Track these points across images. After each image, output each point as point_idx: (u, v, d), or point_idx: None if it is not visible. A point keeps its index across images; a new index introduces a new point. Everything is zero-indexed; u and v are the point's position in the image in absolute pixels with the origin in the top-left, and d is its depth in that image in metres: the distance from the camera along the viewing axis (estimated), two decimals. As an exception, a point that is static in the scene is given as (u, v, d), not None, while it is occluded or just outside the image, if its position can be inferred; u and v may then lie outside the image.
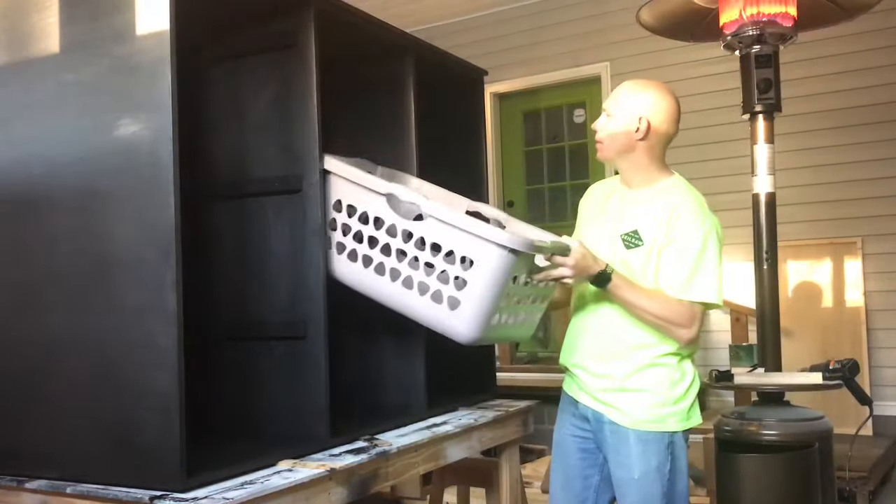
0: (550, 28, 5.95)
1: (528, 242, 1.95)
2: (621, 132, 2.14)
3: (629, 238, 2.12)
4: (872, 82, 4.93)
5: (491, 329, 2.00)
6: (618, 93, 2.19)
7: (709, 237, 2.06)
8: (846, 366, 2.45)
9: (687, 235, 2.06)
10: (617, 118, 2.15)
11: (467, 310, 1.96)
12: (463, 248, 1.97)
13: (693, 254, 2.05)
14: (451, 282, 1.98)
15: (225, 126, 2.26)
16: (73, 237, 1.80)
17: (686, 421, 2.12)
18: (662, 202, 2.11)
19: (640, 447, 2.08)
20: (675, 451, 2.10)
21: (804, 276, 5.04)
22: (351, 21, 2.28)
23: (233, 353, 2.21)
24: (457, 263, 1.98)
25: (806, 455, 2.40)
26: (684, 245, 2.06)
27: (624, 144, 2.15)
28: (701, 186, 2.24)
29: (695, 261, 2.04)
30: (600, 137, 2.19)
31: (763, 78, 2.67)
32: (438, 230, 2.00)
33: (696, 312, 2.06)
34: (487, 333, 2.00)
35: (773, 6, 2.62)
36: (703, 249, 2.05)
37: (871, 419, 2.65)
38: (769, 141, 2.72)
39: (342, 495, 1.90)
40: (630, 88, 2.18)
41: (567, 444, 2.24)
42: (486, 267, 1.93)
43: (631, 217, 2.15)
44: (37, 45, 1.88)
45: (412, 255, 2.04)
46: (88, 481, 1.72)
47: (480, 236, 1.93)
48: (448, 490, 3.07)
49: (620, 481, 2.11)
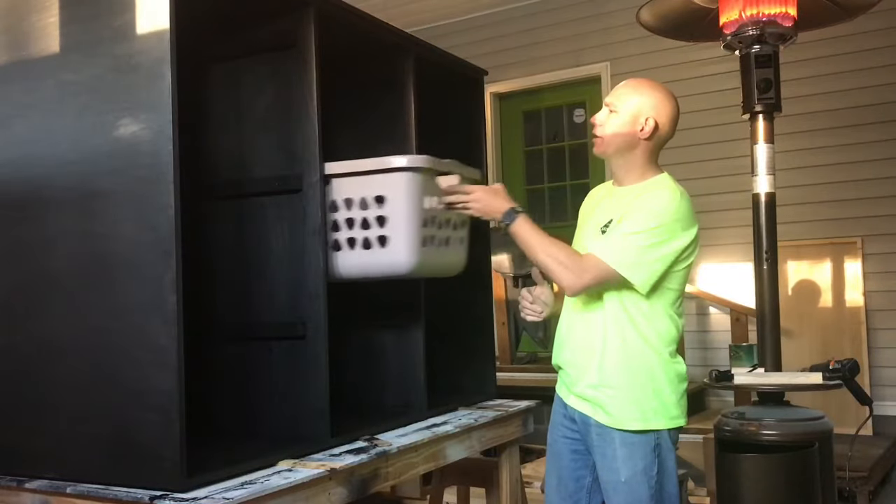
0: (550, 28, 5.95)
1: (425, 159, 2.12)
2: (625, 130, 2.12)
3: (605, 226, 2.12)
4: (872, 82, 4.93)
5: (424, 254, 2.14)
6: (623, 90, 2.16)
7: (662, 222, 2.01)
8: (846, 366, 2.45)
9: (642, 212, 2.02)
10: (621, 115, 2.12)
11: (396, 240, 2.10)
12: (373, 191, 2.10)
13: (635, 228, 2.00)
14: (373, 225, 2.11)
15: (225, 126, 2.26)
16: (73, 237, 1.80)
17: (671, 420, 2.08)
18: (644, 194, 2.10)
19: (626, 450, 2.06)
20: (661, 453, 2.07)
21: (804, 276, 5.04)
22: (351, 21, 2.28)
23: (233, 353, 2.21)
24: (372, 206, 2.10)
25: (806, 455, 2.40)
26: (635, 220, 2.01)
27: (626, 142, 2.13)
28: (701, 186, 2.26)
29: (634, 233, 2.00)
30: (601, 133, 2.15)
31: (763, 78, 2.67)
32: (347, 186, 2.13)
33: (595, 271, 2.01)
34: (423, 258, 2.14)
35: (773, 6, 2.63)
36: (649, 229, 1.99)
37: (871, 419, 2.65)
38: (769, 141, 2.72)
39: (342, 495, 1.90)
40: (636, 87, 2.15)
41: (559, 445, 2.25)
42: (397, 195, 2.09)
43: (611, 210, 2.14)
44: (37, 45, 1.88)
45: (344, 218, 2.14)
46: (88, 481, 1.72)
47: (379, 168, 2.09)
48: (448, 490, 3.07)
49: (608, 484, 2.10)
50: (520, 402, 2.72)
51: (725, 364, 4.35)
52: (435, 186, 2.18)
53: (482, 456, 2.76)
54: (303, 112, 2.10)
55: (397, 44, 2.51)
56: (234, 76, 2.25)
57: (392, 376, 2.52)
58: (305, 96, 2.09)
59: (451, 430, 2.33)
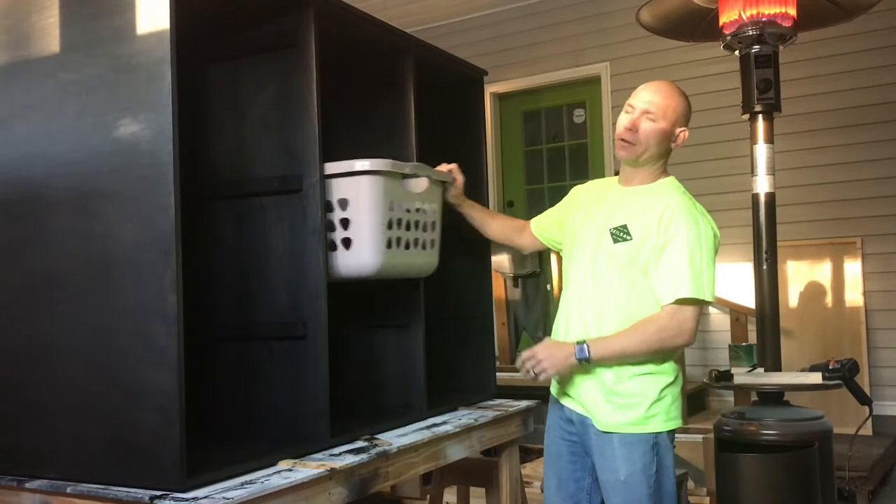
0: (550, 28, 5.95)
1: (387, 162, 2.13)
2: (664, 139, 2.14)
3: (618, 232, 2.13)
4: (872, 82, 4.93)
5: (390, 256, 2.16)
6: (659, 98, 2.15)
7: (702, 237, 2.06)
8: (846, 366, 2.45)
9: (681, 236, 2.05)
10: (660, 124, 2.13)
11: (360, 243, 2.12)
12: (339, 193, 2.12)
13: (686, 254, 2.04)
14: (338, 228, 2.13)
15: (225, 126, 2.25)
16: (73, 237, 1.80)
17: (669, 421, 2.11)
18: (655, 201, 2.12)
19: (625, 449, 2.07)
20: (660, 452, 2.09)
21: (804, 276, 5.04)
22: (351, 21, 2.28)
23: (233, 353, 2.21)
24: (337, 209, 2.13)
25: (806, 455, 2.40)
26: (678, 246, 2.05)
27: (661, 152, 2.16)
28: (701, 186, 2.26)
29: (688, 260, 2.04)
30: (636, 139, 2.14)
31: (763, 78, 2.67)
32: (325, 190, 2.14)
33: (688, 314, 2.05)
34: (389, 260, 2.16)
35: (772, 6, 2.63)
36: (697, 249, 2.05)
37: (871, 419, 2.65)
38: (769, 141, 2.72)
39: (342, 495, 1.90)
40: (670, 94, 2.16)
41: (557, 447, 2.26)
42: (360, 197, 2.11)
43: (622, 212, 2.15)
44: (37, 45, 1.88)
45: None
46: (88, 481, 1.72)
47: (344, 172, 2.10)
48: (448, 490, 3.07)
49: (607, 484, 2.11)
50: (520, 402, 2.72)
51: (725, 364, 4.35)
52: (402, 189, 2.20)
53: (482, 456, 2.76)
54: (303, 112, 2.10)
55: (397, 44, 2.50)
56: (234, 76, 2.24)
57: (392, 376, 2.52)
58: (305, 96, 2.09)
59: (451, 429, 2.33)
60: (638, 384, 2.09)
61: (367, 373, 2.55)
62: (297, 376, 2.08)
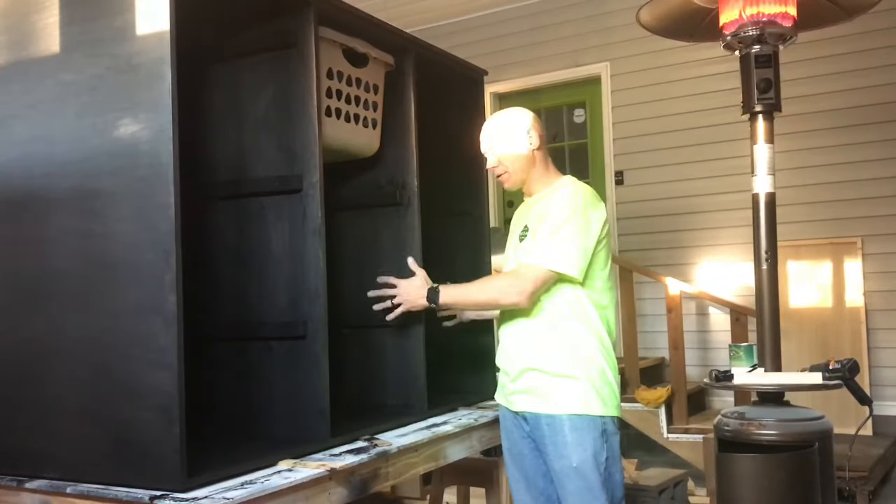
0: (550, 28, 5.95)
1: None
2: (517, 161, 2.27)
3: (522, 233, 2.28)
4: (872, 82, 4.93)
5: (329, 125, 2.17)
6: (485, 137, 2.32)
7: (575, 215, 2.15)
8: (846, 366, 2.45)
9: (553, 213, 2.17)
10: (501, 156, 2.26)
11: None
12: None
13: (550, 229, 2.15)
14: None
15: (225, 126, 2.26)
16: (73, 237, 1.80)
17: (606, 406, 2.17)
18: (548, 199, 2.24)
19: (576, 435, 2.13)
20: (609, 439, 2.17)
21: (804, 276, 5.04)
22: (351, 21, 2.28)
23: (233, 353, 2.21)
24: None
25: (806, 455, 2.40)
26: (548, 221, 2.16)
27: (527, 166, 2.28)
28: (701, 186, 2.27)
29: (550, 233, 2.14)
30: (500, 172, 2.29)
31: (763, 78, 2.66)
32: None
33: (529, 277, 2.15)
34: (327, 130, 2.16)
35: (773, 6, 2.62)
36: (564, 225, 2.14)
37: (871, 419, 2.64)
38: (769, 141, 2.72)
39: (342, 495, 1.90)
40: (490, 126, 2.31)
41: (519, 447, 2.30)
42: None
43: (528, 219, 2.29)
44: (37, 45, 1.88)
45: None
46: (88, 481, 1.72)
47: None
48: (448, 490, 3.07)
49: (560, 472, 2.16)
50: (520, 402, 2.72)
51: (725, 364, 4.34)
52: None
53: (482, 456, 2.77)
54: (303, 112, 2.10)
55: (397, 44, 2.50)
56: (234, 76, 2.25)
57: (392, 376, 2.52)
58: (305, 96, 2.09)
59: (451, 429, 2.33)
60: (568, 358, 2.17)
61: (367, 373, 2.55)
62: (297, 376, 2.08)
